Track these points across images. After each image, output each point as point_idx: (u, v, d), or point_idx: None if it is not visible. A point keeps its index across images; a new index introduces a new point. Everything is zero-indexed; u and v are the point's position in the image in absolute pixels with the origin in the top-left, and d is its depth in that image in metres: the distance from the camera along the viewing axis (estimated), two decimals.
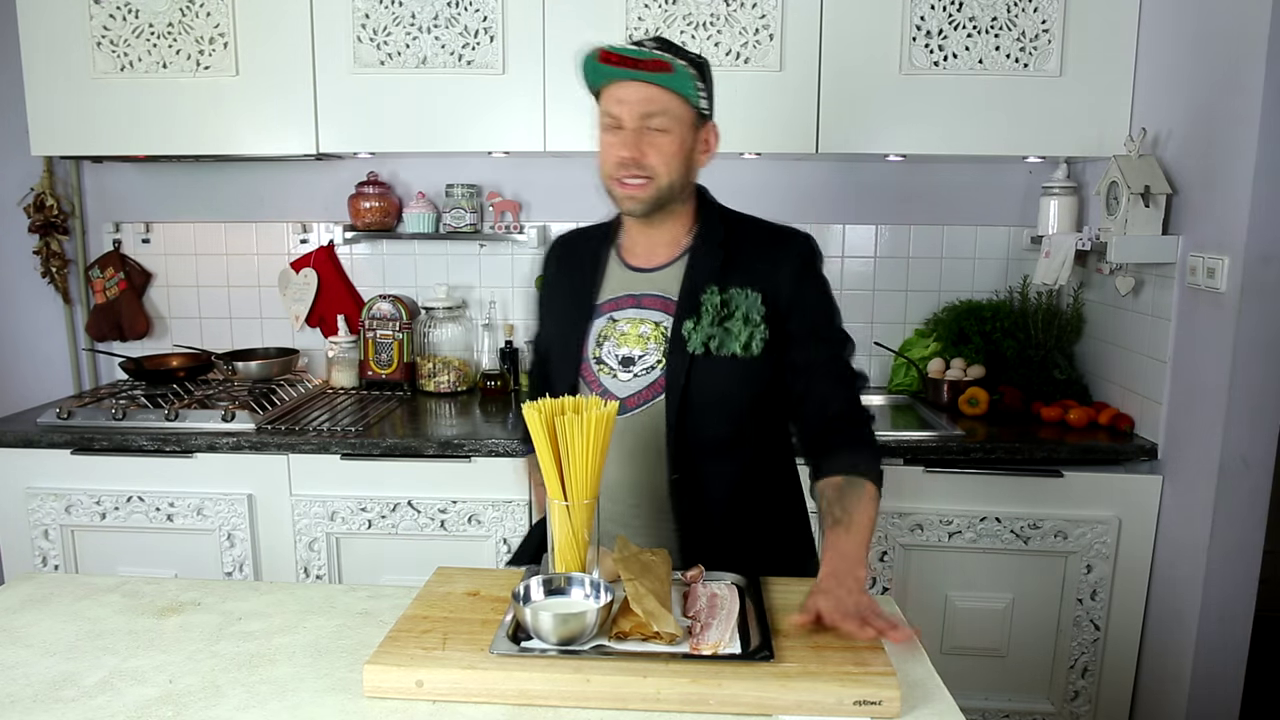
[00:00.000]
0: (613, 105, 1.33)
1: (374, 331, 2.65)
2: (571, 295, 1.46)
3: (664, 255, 1.43)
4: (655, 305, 1.40)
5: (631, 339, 1.39)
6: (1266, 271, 1.84)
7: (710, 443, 1.38)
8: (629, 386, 1.39)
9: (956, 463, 2.15)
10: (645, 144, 1.32)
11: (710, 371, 1.35)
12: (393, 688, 1.06)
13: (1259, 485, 1.94)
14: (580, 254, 1.49)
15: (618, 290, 1.43)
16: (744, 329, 1.35)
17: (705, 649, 1.09)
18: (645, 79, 1.30)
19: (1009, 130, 2.27)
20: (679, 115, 1.33)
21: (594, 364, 1.41)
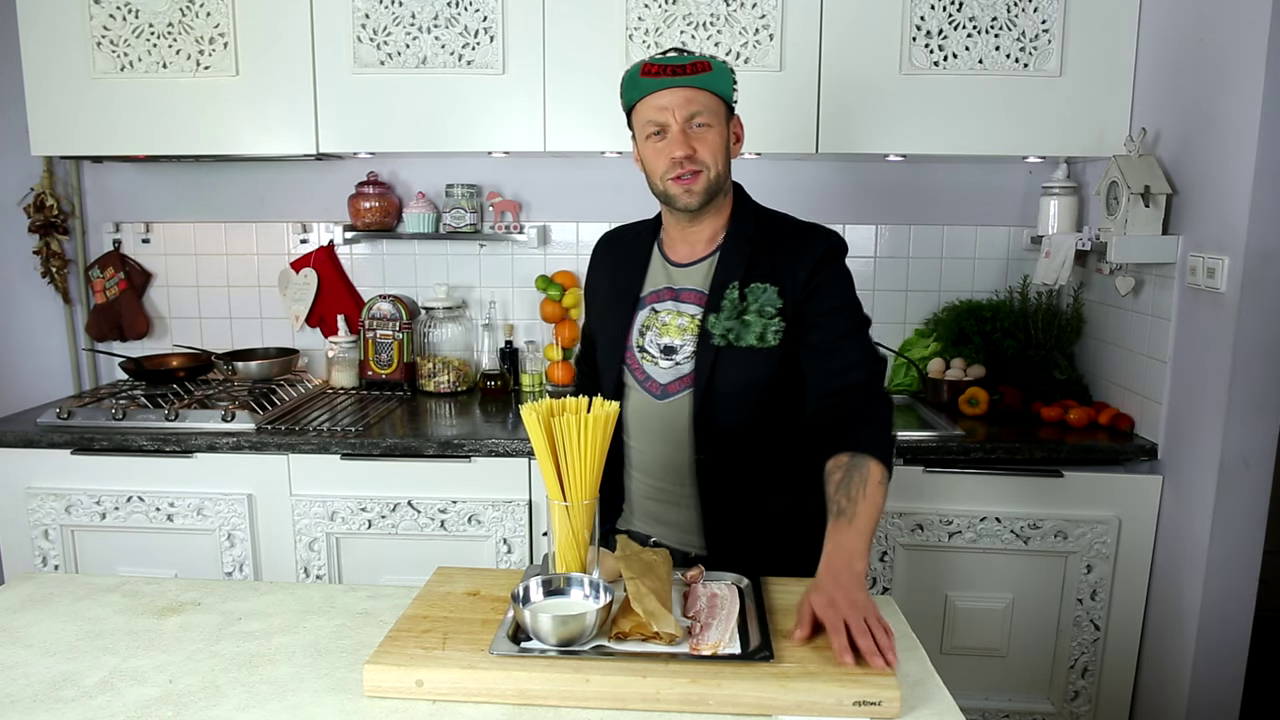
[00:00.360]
0: (655, 113, 1.41)
1: (374, 331, 2.65)
2: (618, 287, 1.56)
3: (701, 251, 1.51)
4: (691, 299, 1.49)
5: (672, 330, 1.49)
6: (1266, 271, 1.84)
7: (731, 429, 1.46)
8: (669, 374, 1.49)
9: (956, 463, 2.15)
10: (694, 139, 1.41)
11: (732, 362, 1.44)
12: (393, 687, 1.07)
13: (1259, 485, 1.94)
14: (626, 248, 1.60)
15: (659, 283, 1.53)
16: (759, 321, 1.43)
17: (705, 649, 1.09)
18: (687, 83, 1.39)
19: (1009, 130, 2.27)
20: (716, 110, 1.42)
21: (638, 352, 1.51)
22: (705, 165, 1.42)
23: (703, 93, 1.41)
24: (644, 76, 1.41)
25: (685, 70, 1.39)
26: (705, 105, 1.41)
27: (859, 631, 1.09)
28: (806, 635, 1.13)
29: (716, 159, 1.42)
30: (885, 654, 1.07)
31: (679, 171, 1.41)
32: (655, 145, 1.43)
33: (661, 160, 1.42)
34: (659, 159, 1.43)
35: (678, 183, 1.42)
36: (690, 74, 1.39)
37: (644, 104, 1.43)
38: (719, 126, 1.43)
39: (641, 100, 1.43)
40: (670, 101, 1.40)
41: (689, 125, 1.41)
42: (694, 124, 1.41)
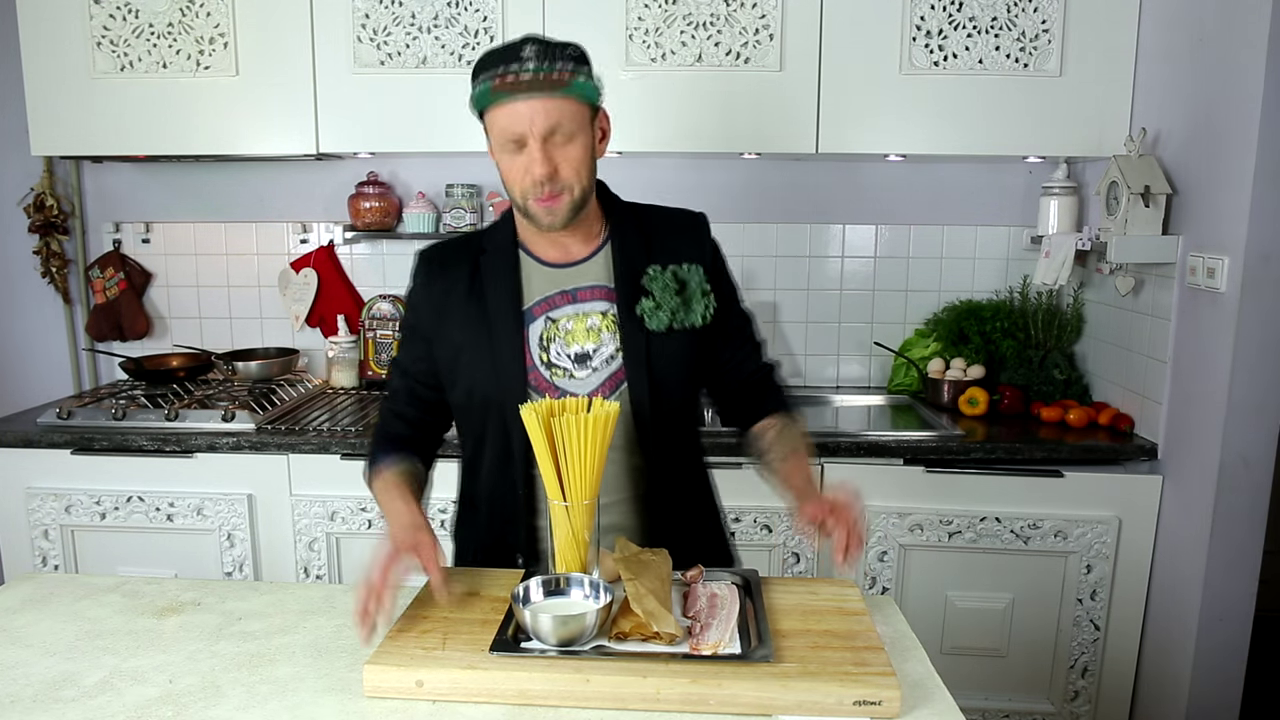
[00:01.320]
0: (511, 123, 1.25)
1: (374, 331, 2.65)
2: (485, 306, 1.37)
3: (580, 248, 1.39)
4: (595, 296, 1.38)
5: (580, 334, 1.36)
6: (1266, 271, 1.84)
7: (668, 420, 1.39)
8: (589, 383, 1.36)
9: (956, 463, 2.15)
10: (555, 156, 1.27)
11: (669, 350, 1.37)
12: (393, 687, 1.06)
13: (1259, 485, 1.94)
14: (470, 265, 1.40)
15: (544, 289, 1.38)
16: (700, 299, 1.38)
17: (705, 649, 1.09)
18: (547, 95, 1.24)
19: (1009, 130, 2.27)
20: (579, 119, 1.28)
21: (544, 369, 1.35)
22: (568, 186, 1.28)
23: (563, 100, 1.25)
24: (496, 89, 1.24)
25: (545, 83, 1.23)
26: (568, 115, 1.25)
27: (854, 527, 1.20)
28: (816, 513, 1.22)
29: (581, 174, 1.29)
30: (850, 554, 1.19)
31: (538, 192, 1.27)
32: (512, 159, 1.28)
33: (518, 178, 1.28)
34: (515, 175, 1.28)
35: (539, 204, 1.28)
36: (549, 90, 1.23)
37: (497, 111, 1.26)
38: (583, 135, 1.28)
39: (493, 106, 1.26)
40: (528, 112, 1.23)
41: (549, 139, 1.25)
42: (555, 137, 1.26)
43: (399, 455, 1.40)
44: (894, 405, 2.62)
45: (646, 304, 1.35)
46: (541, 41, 1.27)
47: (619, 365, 1.36)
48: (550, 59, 1.24)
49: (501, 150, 1.29)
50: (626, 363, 1.35)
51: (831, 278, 2.70)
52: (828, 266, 2.70)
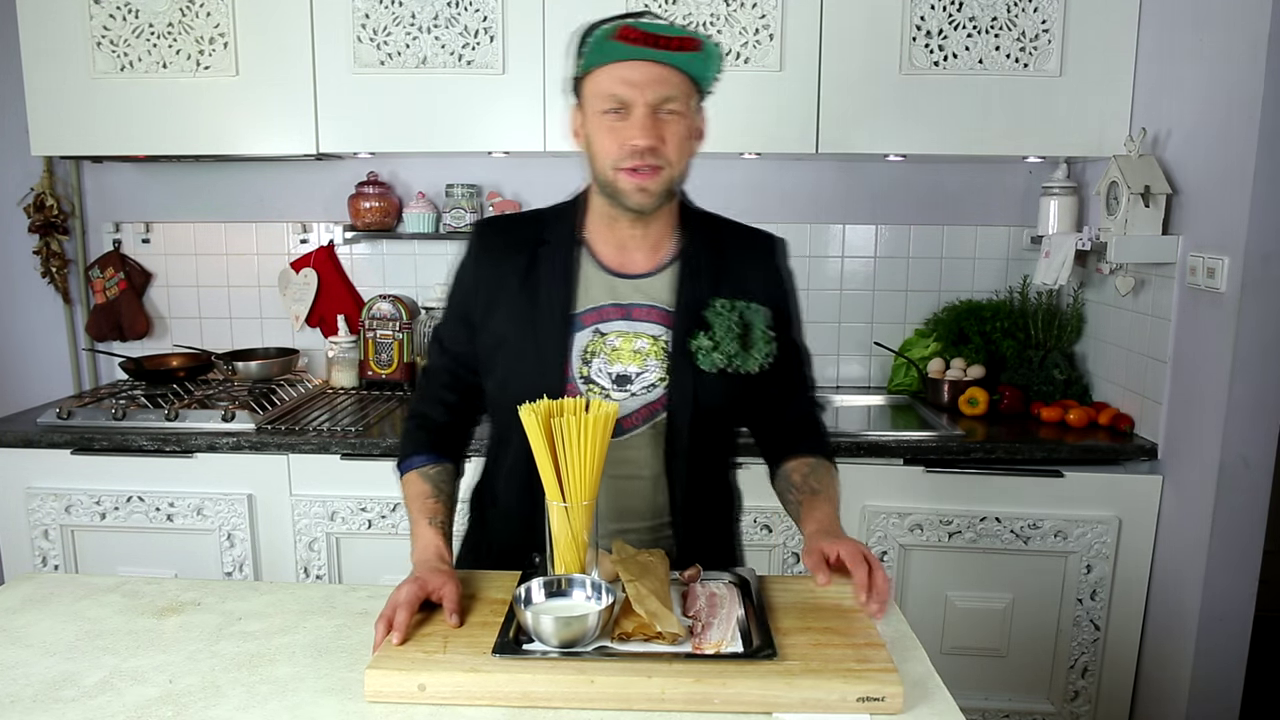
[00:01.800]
0: (618, 87, 1.17)
1: (374, 331, 2.65)
2: (536, 303, 1.29)
3: (646, 259, 1.31)
4: (651, 317, 1.29)
5: (626, 355, 1.28)
6: (1266, 271, 1.84)
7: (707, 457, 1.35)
8: (625, 406, 1.28)
9: (956, 463, 2.15)
10: (662, 129, 1.19)
11: (714, 389, 1.28)
12: (395, 692, 1.06)
13: (1259, 485, 1.94)
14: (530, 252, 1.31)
15: (599, 298, 1.29)
16: (763, 347, 1.30)
17: (708, 648, 1.09)
18: (667, 59, 1.16)
19: (1009, 130, 2.27)
20: (688, 100, 1.21)
21: (581, 383, 1.28)
22: (668, 161, 1.21)
23: (677, 74, 1.18)
24: (618, 40, 1.15)
25: (672, 45, 1.15)
26: (680, 90, 1.19)
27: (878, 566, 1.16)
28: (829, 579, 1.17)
29: (681, 155, 1.22)
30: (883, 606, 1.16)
31: (636, 163, 1.19)
32: (611, 124, 1.19)
33: (614, 144, 1.19)
34: (612, 141, 1.19)
35: (632, 176, 1.20)
36: (676, 50, 1.16)
37: (606, 71, 1.18)
38: (688, 119, 1.22)
39: (604, 66, 1.18)
40: (640, 77, 1.16)
41: (658, 110, 1.18)
42: (663, 109, 1.18)
43: (430, 456, 1.35)
44: (894, 405, 2.62)
45: (703, 342, 1.26)
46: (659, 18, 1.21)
47: (660, 395, 1.28)
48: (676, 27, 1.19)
49: (599, 116, 1.20)
50: (671, 395, 1.28)
51: (831, 278, 2.70)
52: (828, 266, 2.70)
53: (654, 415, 1.30)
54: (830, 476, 1.35)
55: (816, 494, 1.31)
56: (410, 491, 1.34)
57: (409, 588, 1.16)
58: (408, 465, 1.37)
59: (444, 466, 1.36)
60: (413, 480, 1.35)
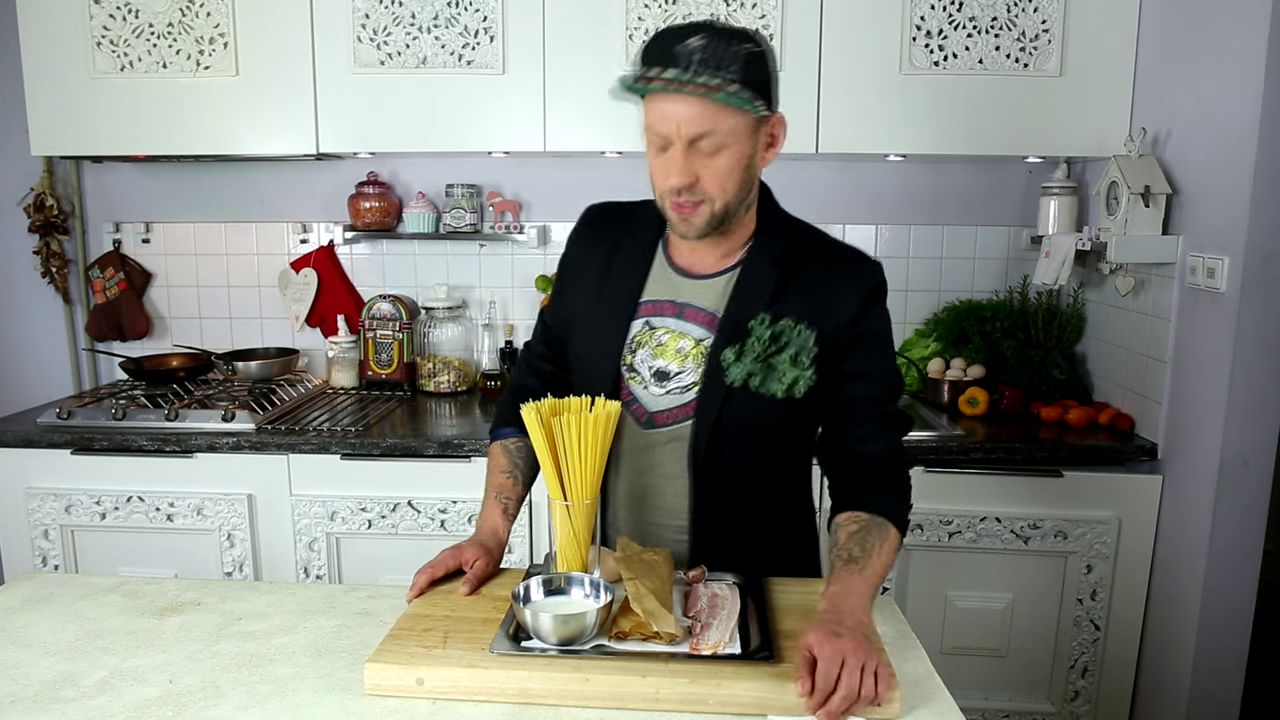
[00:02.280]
0: (658, 121, 1.17)
1: (374, 331, 2.65)
2: (612, 285, 1.33)
3: (715, 262, 1.30)
4: (698, 319, 1.29)
5: (669, 352, 1.29)
6: (1266, 271, 1.84)
7: (734, 471, 1.31)
8: (661, 402, 1.30)
9: (956, 463, 2.15)
10: (697, 165, 1.17)
11: (747, 405, 1.26)
12: (394, 686, 1.06)
13: (1259, 485, 1.94)
14: (616, 240, 1.36)
15: (659, 293, 1.31)
16: (790, 371, 1.25)
17: (705, 649, 1.09)
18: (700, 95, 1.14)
19: (1009, 130, 2.27)
20: (733, 129, 1.16)
21: (625, 370, 1.31)
22: (708, 197, 1.19)
23: (716, 108, 1.14)
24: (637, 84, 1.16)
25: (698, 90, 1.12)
26: (716, 125, 1.14)
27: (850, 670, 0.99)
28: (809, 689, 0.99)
29: (725, 188, 1.18)
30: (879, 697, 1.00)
31: (676, 200, 1.20)
32: (656, 156, 1.20)
33: (659, 179, 1.21)
34: (657, 173, 1.21)
35: (675, 210, 1.21)
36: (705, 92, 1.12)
37: (650, 104, 1.18)
38: (737, 146, 1.17)
39: (647, 98, 1.18)
40: (674, 113, 1.14)
41: (694, 145, 1.16)
42: (702, 145, 1.16)
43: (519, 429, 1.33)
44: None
45: (729, 353, 1.25)
46: (712, 33, 1.14)
47: (693, 398, 1.28)
48: (713, 64, 1.12)
49: (650, 144, 1.21)
50: (699, 403, 1.27)
51: None
52: None
53: (685, 418, 1.30)
54: (881, 542, 1.20)
55: (853, 562, 1.18)
56: (491, 463, 1.41)
57: (448, 553, 1.29)
58: (497, 435, 1.43)
59: (528, 442, 1.32)
60: (495, 452, 1.41)
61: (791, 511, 1.44)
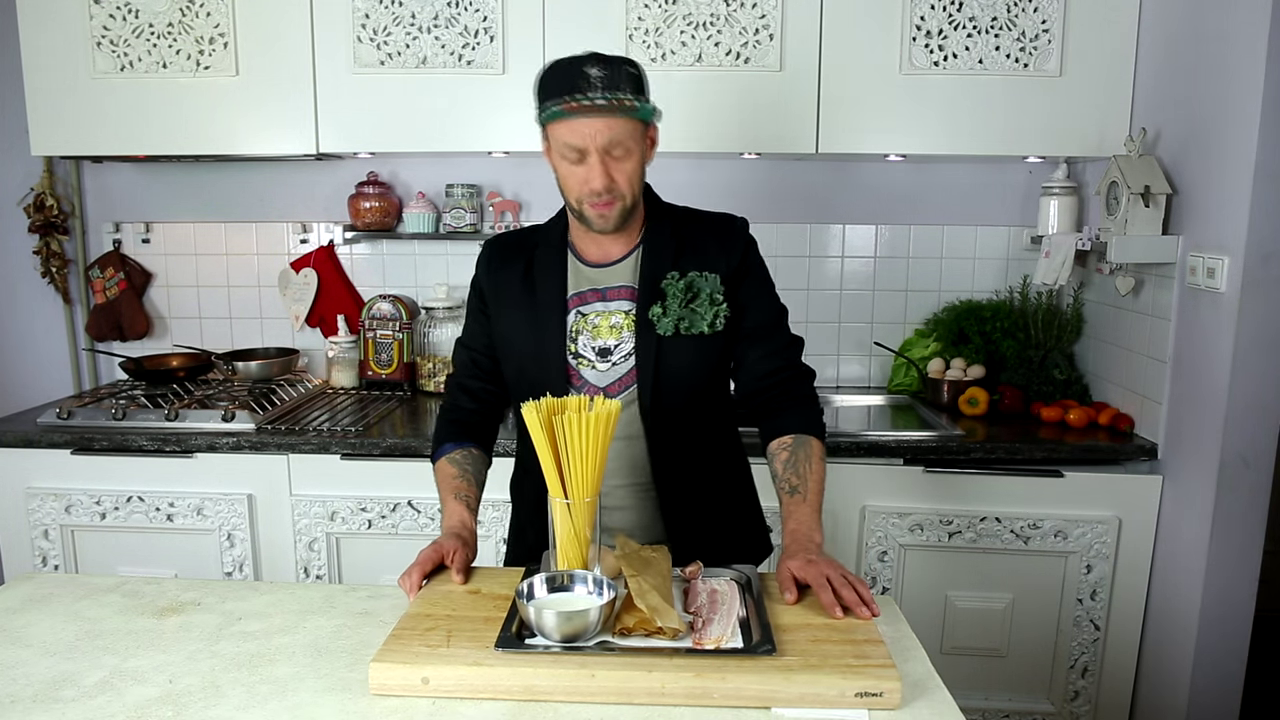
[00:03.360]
0: (573, 138, 1.36)
1: (374, 331, 2.65)
2: (536, 296, 1.50)
3: (619, 249, 1.50)
4: (621, 295, 1.48)
5: (604, 330, 1.47)
6: (1266, 271, 1.84)
7: (680, 419, 1.48)
8: (609, 375, 1.47)
9: (956, 463, 2.15)
10: (612, 169, 1.38)
11: (677, 351, 1.45)
12: (399, 685, 1.06)
13: (1259, 485, 1.94)
14: (533, 256, 1.53)
15: (580, 285, 1.49)
16: (709, 309, 1.45)
17: (708, 643, 1.09)
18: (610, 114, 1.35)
19: (1009, 130, 2.27)
20: (633, 134, 1.38)
21: (572, 359, 1.47)
22: (622, 195, 1.40)
23: (622, 120, 1.36)
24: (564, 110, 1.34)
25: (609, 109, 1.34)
26: (626, 133, 1.36)
27: (840, 584, 1.21)
28: (796, 597, 1.23)
29: (633, 185, 1.40)
30: (870, 606, 1.19)
31: (595, 200, 1.39)
32: (571, 167, 1.39)
33: (576, 186, 1.40)
34: (573, 183, 1.40)
35: (594, 209, 1.40)
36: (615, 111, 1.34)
37: (561, 125, 1.36)
38: (637, 149, 1.40)
39: (558, 121, 1.36)
40: (589, 130, 1.34)
41: (608, 153, 1.36)
42: (613, 152, 1.37)
43: (459, 443, 1.52)
44: (894, 405, 2.62)
45: (655, 309, 1.44)
46: (604, 63, 1.36)
47: (634, 362, 1.46)
48: (614, 86, 1.34)
49: (561, 158, 1.40)
50: (637, 362, 1.45)
51: (831, 278, 2.71)
52: (828, 266, 2.70)
53: (631, 383, 1.47)
54: (809, 460, 1.42)
55: (794, 493, 1.39)
56: (440, 476, 1.51)
57: (427, 550, 1.33)
58: (439, 454, 1.52)
59: (469, 451, 1.52)
60: (442, 466, 1.51)
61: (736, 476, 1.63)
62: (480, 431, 1.56)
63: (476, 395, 1.57)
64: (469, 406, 1.57)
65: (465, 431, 1.54)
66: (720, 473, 1.59)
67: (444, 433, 1.54)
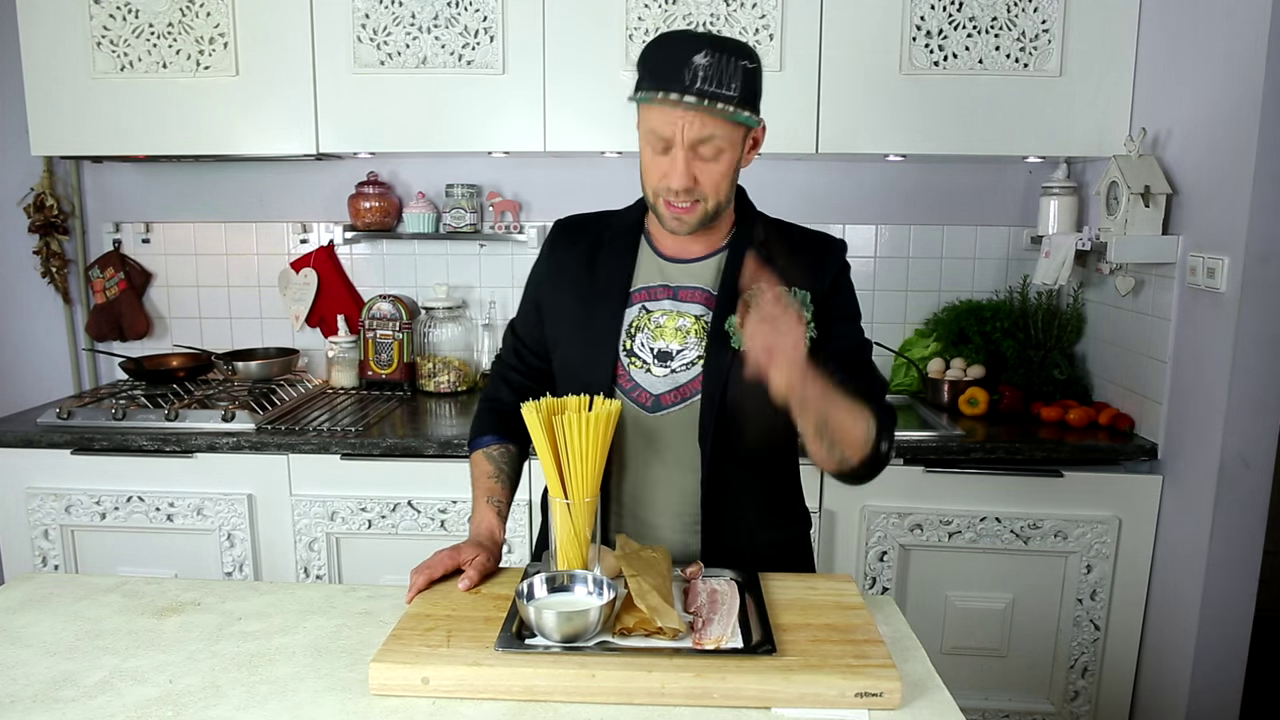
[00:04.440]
0: (662, 126, 1.23)
1: (374, 331, 2.65)
2: (598, 282, 1.37)
3: (701, 247, 1.38)
4: (694, 298, 1.35)
5: (669, 332, 1.34)
6: (1266, 271, 1.84)
7: (743, 445, 1.33)
8: (665, 383, 1.33)
9: (956, 463, 2.15)
10: (697, 168, 1.25)
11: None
12: (399, 685, 1.06)
13: (1259, 485, 1.94)
14: (601, 239, 1.41)
15: (652, 279, 1.37)
16: None
17: (708, 644, 1.09)
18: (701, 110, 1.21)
19: (1009, 130, 2.27)
20: (729, 135, 1.24)
21: (624, 356, 1.34)
22: (704, 198, 1.27)
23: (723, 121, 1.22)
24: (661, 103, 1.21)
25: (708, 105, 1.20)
26: (720, 132, 1.23)
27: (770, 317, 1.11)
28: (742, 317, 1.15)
29: (720, 189, 1.27)
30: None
31: (673, 199, 1.26)
32: (654, 159, 1.26)
33: (656, 177, 1.27)
34: (654, 174, 1.27)
35: (670, 208, 1.28)
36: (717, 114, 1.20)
37: (651, 109, 1.24)
38: (731, 151, 1.26)
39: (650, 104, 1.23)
40: (682, 120, 1.21)
41: (696, 149, 1.23)
42: (702, 150, 1.24)
43: (499, 438, 1.44)
44: (894, 405, 2.61)
45: (733, 320, 1.30)
46: (715, 51, 1.20)
47: (698, 374, 1.32)
48: (720, 83, 1.20)
49: (646, 143, 1.27)
50: (705, 374, 1.32)
51: None
52: None
53: (691, 395, 1.33)
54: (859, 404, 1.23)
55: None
56: (476, 471, 1.43)
57: (445, 554, 1.28)
58: (476, 445, 1.45)
59: (507, 448, 1.44)
60: (478, 460, 1.43)
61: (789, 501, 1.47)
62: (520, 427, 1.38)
63: (516, 389, 1.47)
64: (509, 399, 1.45)
65: (505, 425, 1.44)
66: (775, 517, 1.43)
67: (484, 422, 1.46)
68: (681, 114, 1.21)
